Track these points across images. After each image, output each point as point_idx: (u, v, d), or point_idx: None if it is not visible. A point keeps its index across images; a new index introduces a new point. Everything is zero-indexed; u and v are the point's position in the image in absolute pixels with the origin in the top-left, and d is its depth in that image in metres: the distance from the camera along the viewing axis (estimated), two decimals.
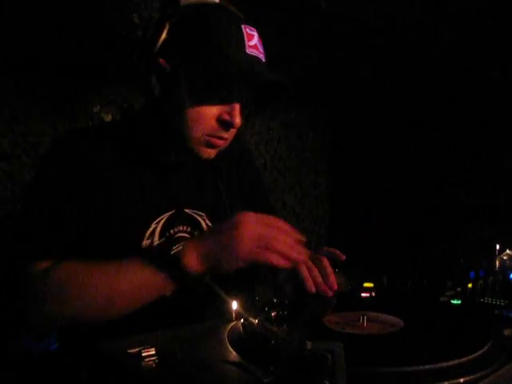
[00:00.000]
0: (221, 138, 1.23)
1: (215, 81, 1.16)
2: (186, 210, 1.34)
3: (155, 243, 1.27)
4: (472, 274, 1.37)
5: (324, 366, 0.70)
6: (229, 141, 1.28)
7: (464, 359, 0.84)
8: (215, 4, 1.21)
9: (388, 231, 1.47)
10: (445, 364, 0.83)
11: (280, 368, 0.75)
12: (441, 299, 1.23)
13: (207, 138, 1.22)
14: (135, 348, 0.91)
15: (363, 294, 1.22)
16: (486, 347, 0.88)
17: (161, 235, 1.28)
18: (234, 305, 1.09)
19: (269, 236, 1.07)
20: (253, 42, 1.18)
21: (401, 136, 2.88)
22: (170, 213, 1.31)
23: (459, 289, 1.27)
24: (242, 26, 1.17)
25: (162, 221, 1.29)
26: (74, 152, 1.25)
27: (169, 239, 1.15)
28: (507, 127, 2.51)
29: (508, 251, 1.65)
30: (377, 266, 1.27)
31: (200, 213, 1.36)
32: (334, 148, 3.71)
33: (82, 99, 2.45)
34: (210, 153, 1.26)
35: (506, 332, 0.99)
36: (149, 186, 1.29)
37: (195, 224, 1.35)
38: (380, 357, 0.86)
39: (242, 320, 1.02)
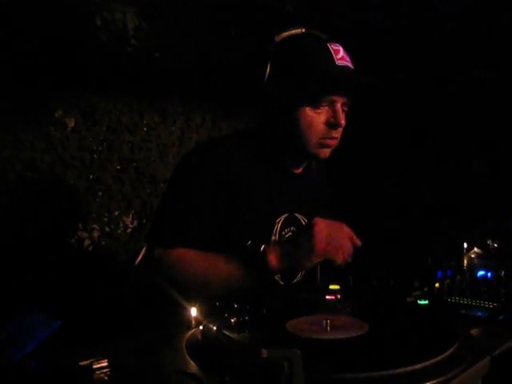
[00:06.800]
0: (332, 137, 1.45)
1: (316, 93, 1.40)
2: (296, 214, 1.58)
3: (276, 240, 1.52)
4: (439, 273, 1.35)
5: (280, 375, 0.66)
6: (338, 140, 1.49)
7: (429, 362, 0.82)
8: (302, 33, 1.48)
9: (354, 231, 1.45)
10: (409, 368, 0.80)
11: (235, 378, 0.71)
12: (408, 299, 1.20)
13: (321, 140, 1.44)
14: (86, 360, 0.86)
15: (328, 297, 1.19)
16: (451, 349, 0.85)
17: (279, 233, 1.52)
18: (194, 311, 1.05)
19: (336, 238, 1.26)
20: (339, 55, 1.42)
21: (367, 136, 2.87)
22: (285, 215, 1.54)
23: (426, 289, 1.25)
24: (328, 45, 1.42)
25: (281, 221, 1.53)
26: (213, 156, 1.47)
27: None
28: (475, 130, 2.52)
29: (476, 249, 1.64)
30: (344, 267, 1.25)
31: (303, 217, 1.60)
32: None
33: (44, 105, 2.39)
34: (326, 152, 1.49)
35: (473, 332, 0.97)
36: (275, 191, 1.53)
37: (299, 226, 1.57)
38: (342, 362, 0.83)
39: (201, 327, 0.98)
